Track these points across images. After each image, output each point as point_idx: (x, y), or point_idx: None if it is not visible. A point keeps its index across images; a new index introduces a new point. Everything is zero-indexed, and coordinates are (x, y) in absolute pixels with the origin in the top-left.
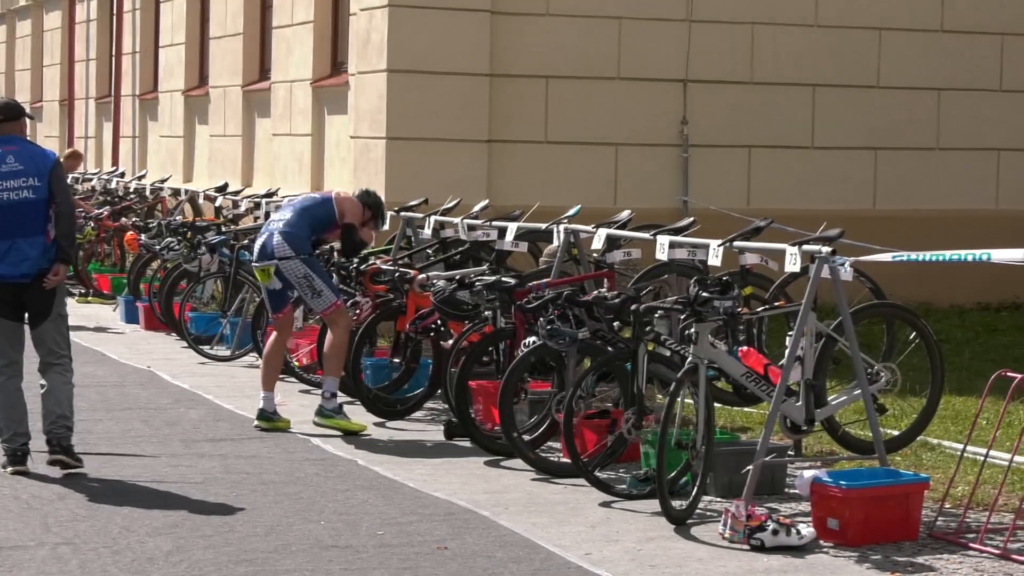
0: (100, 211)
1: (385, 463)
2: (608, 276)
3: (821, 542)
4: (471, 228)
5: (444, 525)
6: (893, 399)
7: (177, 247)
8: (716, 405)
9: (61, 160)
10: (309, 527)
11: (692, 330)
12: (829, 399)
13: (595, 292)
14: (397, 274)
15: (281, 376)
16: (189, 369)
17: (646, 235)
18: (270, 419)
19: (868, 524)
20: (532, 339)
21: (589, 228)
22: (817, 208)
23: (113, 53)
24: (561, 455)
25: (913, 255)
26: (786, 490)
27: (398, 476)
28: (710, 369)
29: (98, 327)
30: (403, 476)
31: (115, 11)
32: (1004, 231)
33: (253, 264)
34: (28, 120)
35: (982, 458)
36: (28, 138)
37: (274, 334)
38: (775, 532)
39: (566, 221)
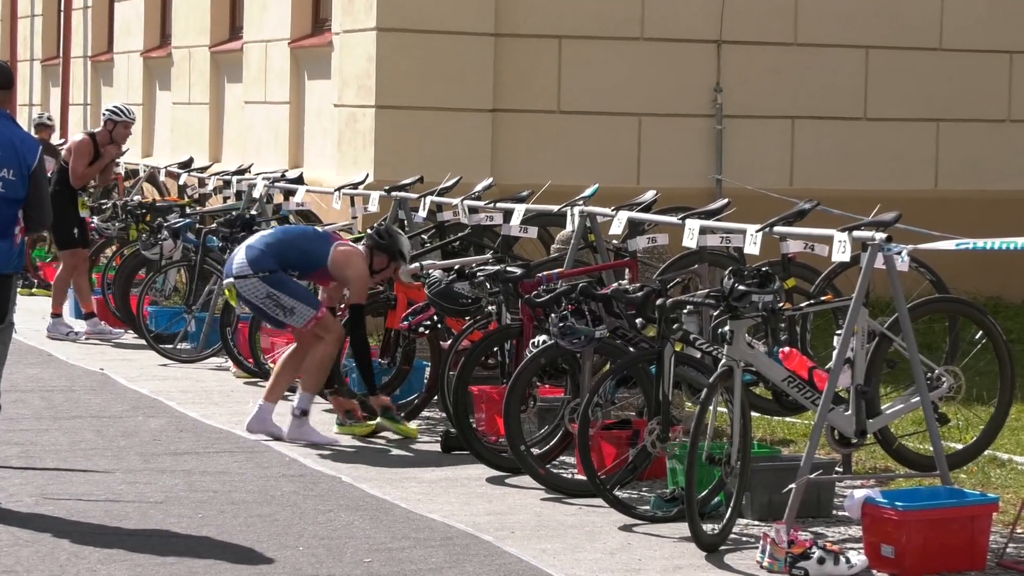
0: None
1: (373, 480)
2: (630, 266)
3: (874, 572)
4: (472, 211)
5: (441, 551)
6: (956, 408)
7: (122, 224)
8: (753, 414)
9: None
10: (286, 553)
11: (726, 328)
12: (883, 408)
13: (615, 284)
14: None
15: (254, 380)
16: (148, 372)
17: (673, 219)
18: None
19: (928, 551)
20: (542, 338)
21: (608, 211)
22: (870, 188)
23: (62, 8)
24: (575, 471)
25: (980, 242)
26: (834, 512)
27: (388, 495)
28: (747, 373)
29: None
30: (394, 495)
31: None
32: None
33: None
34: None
35: None
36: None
37: (293, 346)
38: (821, 560)
39: (581, 203)
